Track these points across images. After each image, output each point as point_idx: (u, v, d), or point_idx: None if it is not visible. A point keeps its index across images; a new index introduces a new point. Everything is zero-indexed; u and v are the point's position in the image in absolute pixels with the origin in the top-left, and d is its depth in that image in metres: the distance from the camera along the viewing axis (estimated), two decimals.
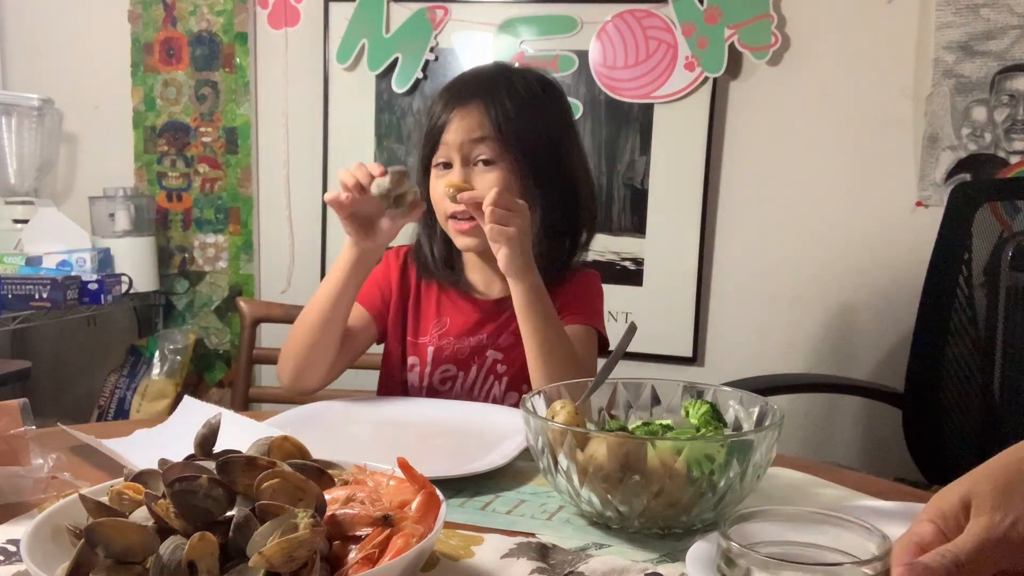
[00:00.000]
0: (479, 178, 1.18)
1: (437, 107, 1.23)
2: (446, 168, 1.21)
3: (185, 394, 1.22)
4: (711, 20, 2.06)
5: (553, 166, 1.23)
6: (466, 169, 1.19)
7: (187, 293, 2.51)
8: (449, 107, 1.20)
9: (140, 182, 2.50)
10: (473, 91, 1.21)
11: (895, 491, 0.88)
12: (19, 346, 2.55)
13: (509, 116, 1.18)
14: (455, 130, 1.19)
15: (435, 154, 1.22)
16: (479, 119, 1.18)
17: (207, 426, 0.67)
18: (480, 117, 1.18)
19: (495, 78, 1.24)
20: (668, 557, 0.70)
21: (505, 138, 1.18)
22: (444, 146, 1.20)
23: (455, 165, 1.20)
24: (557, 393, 0.86)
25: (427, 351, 1.27)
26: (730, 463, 0.71)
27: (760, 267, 2.13)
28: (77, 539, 0.57)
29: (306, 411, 1.11)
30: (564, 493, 0.77)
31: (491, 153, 1.18)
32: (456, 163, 1.19)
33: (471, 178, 1.19)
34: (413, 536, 0.57)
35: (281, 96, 2.40)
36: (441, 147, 1.21)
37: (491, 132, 1.18)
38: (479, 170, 1.19)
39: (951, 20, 1.96)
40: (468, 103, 1.19)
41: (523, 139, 1.19)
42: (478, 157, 1.19)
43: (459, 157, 1.19)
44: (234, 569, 0.53)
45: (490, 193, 1.08)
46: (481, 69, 1.30)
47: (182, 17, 2.43)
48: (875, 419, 2.06)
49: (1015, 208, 1.69)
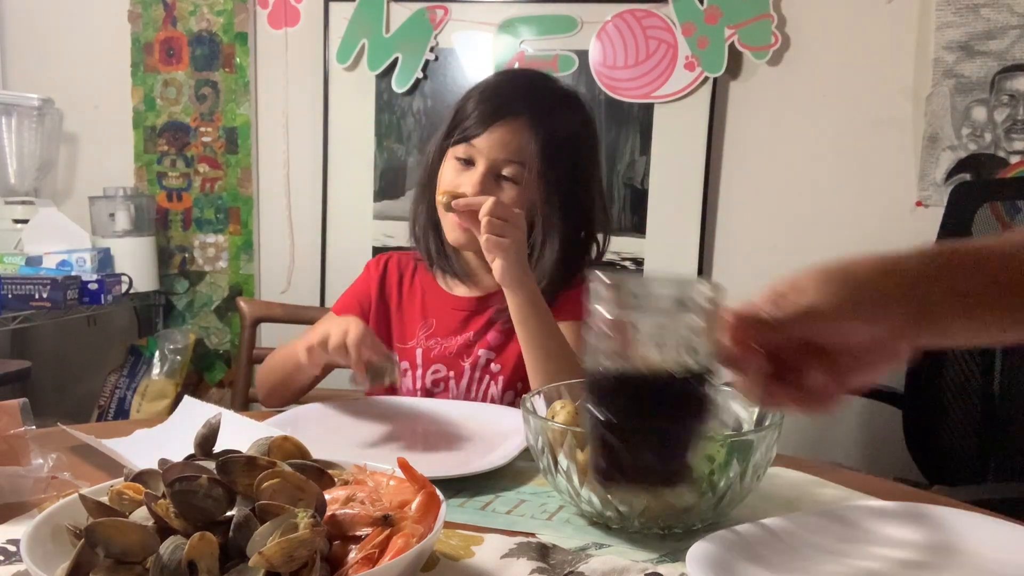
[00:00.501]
0: (501, 192, 1.17)
1: (476, 112, 1.18)
2: (467, 165, 1.18)
3: (185, 394, 1.22)
4: (711, 20, 2.06)
5: (576, 191, 1.22)
6: (488, 179, 1.17)
7: (187, 293, 2.51)
8: (492, 119, 1.16)
9: (140, 182, 2.50)
10: (518, 108, 1.17)
11: (895, 491, 0.88)
12: (19, 346, 2.54)
13: (552, 146, 1.16)
14: (493, 143, 1.16)
15: (458, 146, 1.19)
16: (521, 142, 1.16)
17: (207, 426, 0.67)
18: (523, 140, 1.16)
19: (541, 99, 1.20)
20: (668, 557, 0.70)
21: (541, 168, 1.17)
22: (474, 148, 1.17)
23: (479, 169, 1.17)
24: (557, 393, 0.86)
25: (415, 353, 1.27)
26: (730, 463, 0.71)
27: (760, 267, 2.12)
28: (77, 539, 0.57)
29: (306, 411, 1.11)
30: (564, 493, 0.77)
31: (518, 176, 1.17)
32: (481, 168, 1.17)
33: (491, 188, 1.16)
34: (413, 536, 0.57)
35: (281, 96, 2.40)
36: (469, 146, 1.18)
37: (530, 158, 1.16)
38: (502, 184, 1.17)
39: (951, 20, 1.96)
40: (512, 120, 1.16)
41: (557, 169, 1.18)
42: (506, 173, 1.17)
43: (487, 166, 1.17)
44: (234, 569, 0.53)
45: (486, 203, 1.07)
46: (522, 79, 1.28)
47: (182, 17, 2.43)
48: (875, 419, 2.06)
49: (1015, 208, 1.69)
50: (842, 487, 0.87)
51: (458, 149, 1.19)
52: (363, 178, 2.34)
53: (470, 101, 1.20)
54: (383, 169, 2.33)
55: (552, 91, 1.25)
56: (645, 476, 0.53)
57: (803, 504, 0.82)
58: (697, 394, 0.52)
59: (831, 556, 0.68)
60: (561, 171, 1.19)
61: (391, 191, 2.31)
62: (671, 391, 0.51)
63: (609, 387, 0.51)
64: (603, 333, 0.50)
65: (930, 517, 0.74)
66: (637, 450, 0.51)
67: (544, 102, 1.21)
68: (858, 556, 0.68)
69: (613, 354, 0.51)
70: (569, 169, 1.20)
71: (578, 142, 1.23)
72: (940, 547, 0.70)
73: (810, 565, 0.67)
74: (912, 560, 0.68)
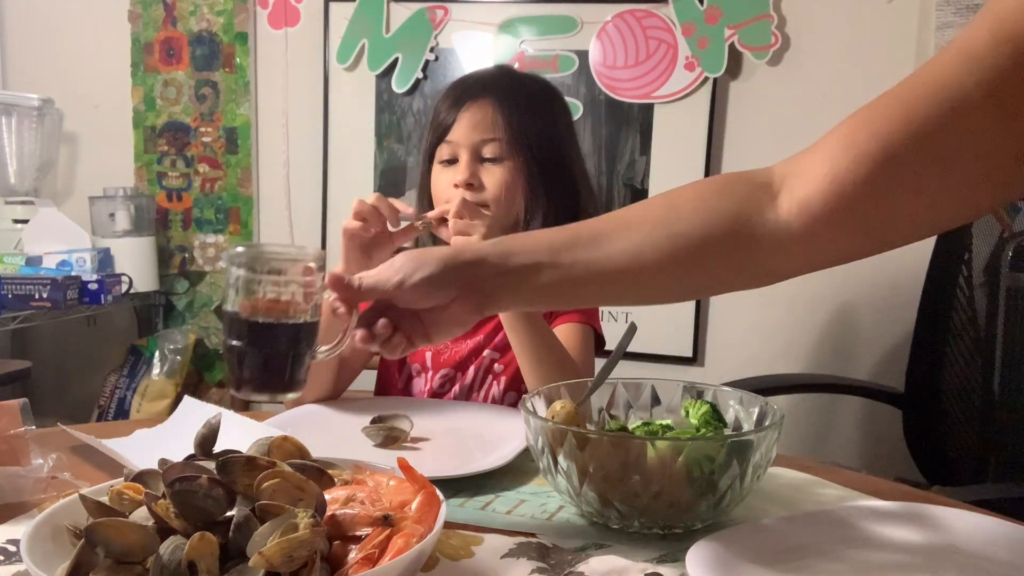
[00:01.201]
0: (486, 175, 1.20)
1: (445, 103, 1.23)
2: (451, 164, 1.22)
3: (185, 394, 1.22)
4: (711, 20, 2.06)
5: (557, 167, 1.23)
6: (474, 164, 1.20)
7: (187, 293, 2.51)
8: (459, 104, 1.21)
9: (140, 182, 2.50)
10: (483, 89, 1.22)
11: (895, 491, 0.88)
12: (19, 346, 2.55)
13: (520, 115, 1.20)
14: (465, 127, 1.20)
15: (441, 148, 1.22)
16: (491, 116, 1.20)
17: (207, 426, 0.67)
18: (492, 114, 1.20)
19: (502, 79, 1.25)
20: (668, 557, 0.70)
21: (515, 137, 1.19)
22: (451, 143, 1.21)
23: (462, 160, 1.20)
24: (557, 393, 0.86)
25: (425, 356, 1.27)
26: (730, 463, 0.71)
27: None
28: (77, 539, 0.57)
29: (306, 411, 1.12)
30: (564, 493, 0.77)
31: (500, 151, 1.20)
32: (464, 159, 1.20)
33: (478, 174, 1.20)
34: (413, 536, 0.57)
35: (281, 96, 2.40)
36: (448, 144, 1.21)
37: (502, 130, 1.19)
38: (487, 167, 1.20)
39: (951, 20, 1.96)
40: (478, 100, 1.20)
41: (531, 138, 1.20)
42: (486, 154, 1.20)
43: (468, 153, 1.20)
44: (234, 569, 0.53)
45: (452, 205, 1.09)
46: (486, 71, 1.31)
47: (182, 17, 2.43)
48: (875, 419, 2.06)
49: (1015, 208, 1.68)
50: (842, 487, 0.87)
51: (441, 151, 1.22)
52: (363, 178, 2.34)
53: (439, 103, 1.25)
54: (383, 169, 2.33)
55: (514, 74, 1.29)
56: (263, 384, 0.70)
57: (803, 504, 0.82)
58: (299, 327, 0.70)
59: (830, 556, 0.68)
60: (536, 141, 1.21)
61: (391, 191, 2.31)
62: (281, 327, 0.69)
63: (238, 322, 0.68)
64: (235, 286, 0.68)
65: (929, 517, 0.74)
66: (254, 365, 0.70)
67: (506, 80, 1.25)
68: (857, 556, 0.68)
69: (243, 301, 0.68)
70: (545, 141, 1.22)
71: (550, 114, 1.26)
72: (938, 547, 0.70)
73: (809, 565, 0.67)
74: (911, 561, 0.68)
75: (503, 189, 1.20)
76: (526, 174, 1.20)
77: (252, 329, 0.68)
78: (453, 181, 1.20)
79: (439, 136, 1.22)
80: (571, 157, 1.27)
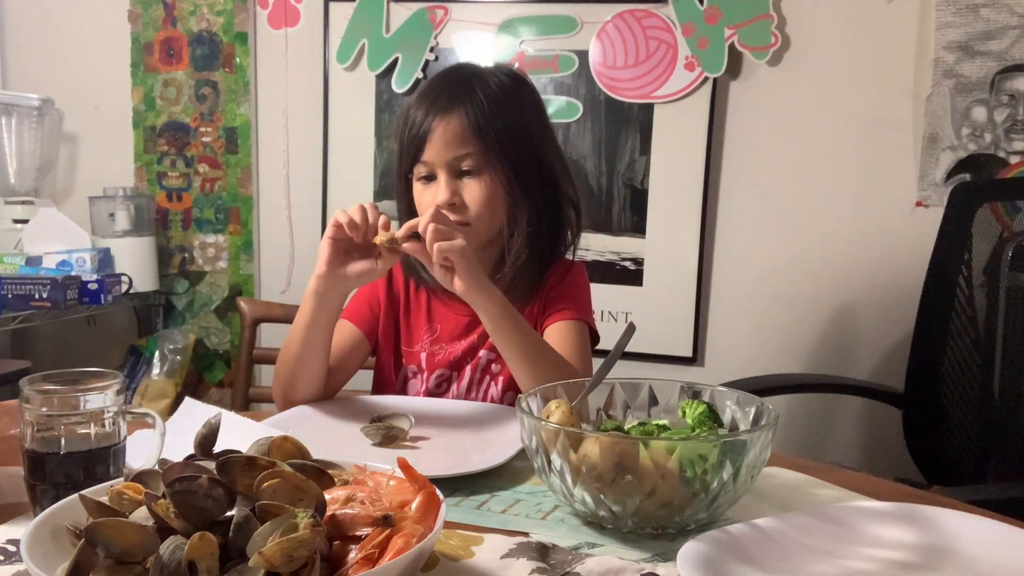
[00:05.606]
0: (466, 191, 1.18)
1: (416, 116, 1.19)
2: (429, 181, 1.19)
3: (185, 394, 1.22)
4: (711, 20, 2.06)
5: (535, 164, 1.22)
6: (453, 182, 1.18)
7: (187, 293, 2.51)
8: (429, 117, 1.18)
9: (140, 182, 2.50)
10: (451, 98, 1.18)
11: (895, 491, 0.88)
12: (19, 346, 2.55)
13: (490, 120, 1.17)
14: (438, 145, 1.17)
15: (417, 167, 1.20)
16: (461, 130, 1.17)
17: (207, 426, 0.67)
18: (462, 128, 1.17)
19: (469, 81, 1.21)
20: (660, 557, 0.70)
21: (489, 148, 1.17)
22: (427, 163, 1.18)
23: (441, 180, 1.18)
24: (553, 393, 0.86)
25: (420, 357, 1.27)
26: (723, 463, 0.71)
27: (760, 267, 2.13)
28: (77, 539, 0.57)
29: (305, 411, 1.12)
30: (558, 493, 0.77)
31: (476, 163, 1.17)
32: (442, 179, 1.18)
33: (459, 191, 1.17)
34: (413, 536, 0.57)
35: (281, 96, 2.40)
36: (424, 164, 1.19)
37: (474, 143, 1.17)
38: (465, 182, 1.18)
39: (951, 20, 1.96)
40: (448, 112, 1.17)
41: (505, 144, 1.18)
42: (463, 167, 1.18)
43: (445, 172, 1.18)
44: (234, 569, 0.53)
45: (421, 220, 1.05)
46: (451, 73, 1.27)
47: (182, 17, 2.43)
48: (875, 419, 2.06)
49: (1015, 208, 1.69)
50: (838, 487, 0.87)
51: (419, 169, 1.20)
52: (363, 178, 2.34)
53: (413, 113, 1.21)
54: (383, 169, 2.33)
55: (478, 74, 1.24)
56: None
57: (799, 504, 0.82)
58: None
59: (823, 556, 0.68)
60: (510, 146, 1.18)
61: (391, 191, 2.31)
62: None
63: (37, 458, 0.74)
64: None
65: (923, 518, 0.74)
66: None
67: (473, 85, 1.20)
68: (850, 557, 0.68)
69: None
70: (518, 141, 1.20)
71: (519, 108, 1.22)
72: (933, 548, 0.70)
73: (801, 565, 0.67)
74: (905, 561, 0.68)
75: (484, 206, 1.18)
76: (505, 182, 1.18)
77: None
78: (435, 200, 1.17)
79: (413, 158, 1.20)
80: (545, 149, 1.25)
